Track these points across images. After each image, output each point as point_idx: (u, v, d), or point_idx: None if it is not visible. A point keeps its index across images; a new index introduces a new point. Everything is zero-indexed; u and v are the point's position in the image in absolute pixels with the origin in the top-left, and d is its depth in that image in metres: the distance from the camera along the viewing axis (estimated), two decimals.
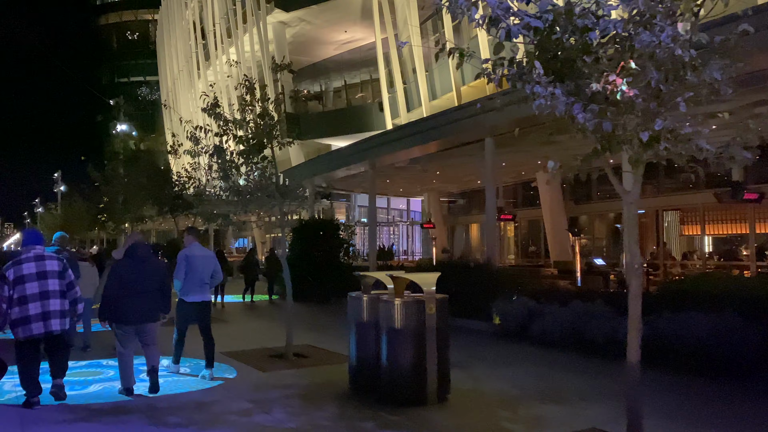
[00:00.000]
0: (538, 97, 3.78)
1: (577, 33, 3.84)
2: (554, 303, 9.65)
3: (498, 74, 4.07)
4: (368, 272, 6.92)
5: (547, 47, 3.98)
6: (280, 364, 8.12)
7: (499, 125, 11.52)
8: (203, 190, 12.96)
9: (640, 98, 3.60)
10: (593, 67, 3.91)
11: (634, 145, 3.89)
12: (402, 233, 38.97)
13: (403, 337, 5.95)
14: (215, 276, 7.57)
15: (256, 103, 8.61)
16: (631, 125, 3.80)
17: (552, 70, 3.94)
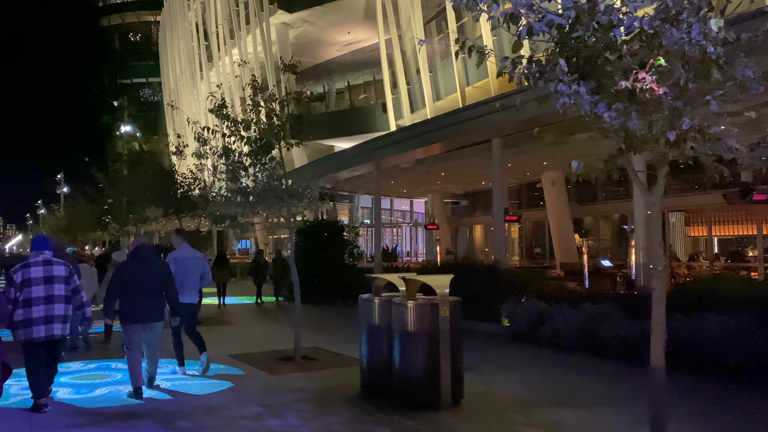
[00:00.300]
0: (562, 96, 3.69)
1: (600, 30, 3.76)
2: (564, 305, 9.55)
3: (519, 72, 3.97)
4: (380, 274, 6.84)
5: (569, 45, 3.89)
6: (288, 367, 8.04)
7: (510, 125, 11.41)
8: (209, 192, 12.92)
9: (669, 96, 3.51)
10: (617, 64, 3.83)
11: (660, 144, 3.79)
12: (405, 235, 38.89)
13: (416, 341, 5.86)
14: (204, 277, 7.68)
15: (263, 103, 8.53)
16: (657, 124, 3.71)
17: (574, 67, 3.86)
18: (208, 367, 7.54)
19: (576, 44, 3.88)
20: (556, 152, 16.50)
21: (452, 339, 5.90)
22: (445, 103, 25.61)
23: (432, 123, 13.12)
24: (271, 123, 8.46)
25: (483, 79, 22.99)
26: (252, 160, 8.46)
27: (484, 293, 11.03)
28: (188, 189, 12.79)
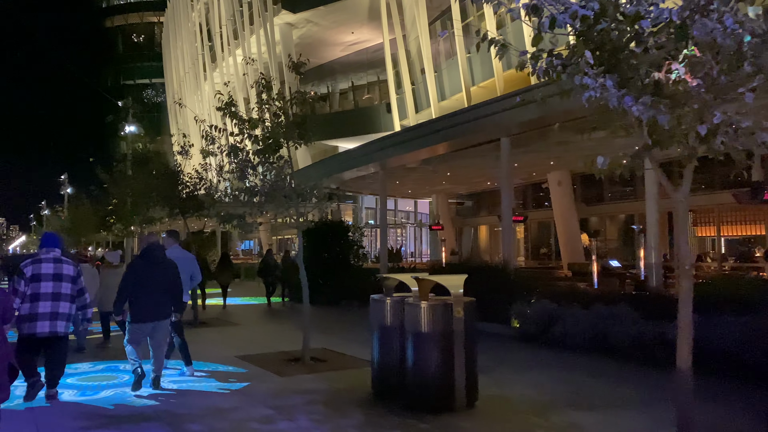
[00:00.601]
0: (587, 89, 3.58)
1: (626, 21, 3.65)
2: (575, 306, 9.43)
3: (541, 65, 3.85)
4: (391, 274, 6.72)
5: (593, 37, 3.78)
6: (297, 369, 7.93)
7: (519, 124, 11.32)
8: (214, 191, 12.81)
9: (702, 88, 3.39)
10: (642, 57, 3.71)
11: (689, 139, 3.68)
12: (409, 235, 38.78)
13: (430, 342, 5.75)
14: (194, 278, 7.83)
15: (272, 102, 8.43)
16: (686, 118, 3.60)
17: (599, 61, 3.75)
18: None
19: (600, 37, 3.77)
20: (564, 152, 16.39)
21: (466, 340, 5.79)
22: (450, 103, 25.53)
23: (440, 122, 13.01)
24: (279, 121, 8.36)
25: (488, 78, 22.91)
26: (260, 159, 8.35)
27: (492, 294, 10.90)
28: (194, 189, 12.68)
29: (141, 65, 71.87)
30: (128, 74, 72.61)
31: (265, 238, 41.18)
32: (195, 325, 12.50)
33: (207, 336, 11.22)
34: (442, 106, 25.85)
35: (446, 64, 26.07)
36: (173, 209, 12.82)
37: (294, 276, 18.19)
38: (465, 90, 23.72)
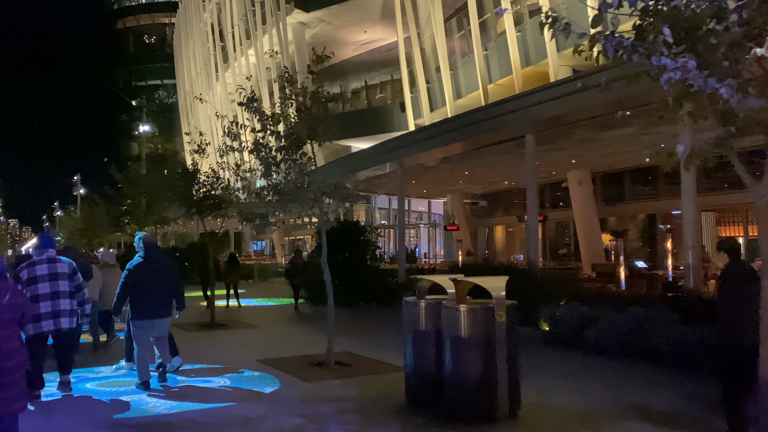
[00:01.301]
0: (665, 71, 3.22)
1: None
2: (609, 308, 9.05)
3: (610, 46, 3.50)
4: (425, 276, 6.40)
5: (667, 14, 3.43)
6: (323, 374, 7.61)
7: (546, 120, 10.93)
8: (233, 190, 12.55)
9: None
10: (723, 36, 3.36)
11: None
12: (422, 236, 38.39)
13: (470, 348, 5.41)
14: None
15: (295, 97, 8.14)
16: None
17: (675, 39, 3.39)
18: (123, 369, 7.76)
19: (675, 13, 3.42)
20: (588, 149, 15.98)
21: (509, 346, 5.44)
22: (466, 101, 25.13)
23: (464, 118, 12.66)
24: (302, 117, 8.06)
25: (506, 76, 22.50)
26: (282, 156, 8.05)
27: (518, 296, 10.52)
28: (211, 188, 12.42)
29: (152, 66, 71.96)
30: (139, 75, 72.76)
31: (278, 238, 40.96)
32: (212, 327, 12.24)
33: (225, 339, 10.95)
34: (458, 104, 25.46)
35: (462, 61, 25.70)
36: (189, 209, 12.54)
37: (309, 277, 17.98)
38: (482, 88, 23.31)
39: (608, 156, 17.97)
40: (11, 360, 4.11)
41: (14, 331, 4.21)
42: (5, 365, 4.05)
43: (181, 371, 7.64)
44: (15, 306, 4.21)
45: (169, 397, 6.43)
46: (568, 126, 12.03)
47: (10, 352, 4.10)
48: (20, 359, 4.20)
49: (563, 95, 10.19)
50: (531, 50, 21.51)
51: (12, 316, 4.18)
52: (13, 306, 4.19)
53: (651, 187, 21.30)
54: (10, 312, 4.15)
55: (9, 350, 4.09)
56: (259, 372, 7.74)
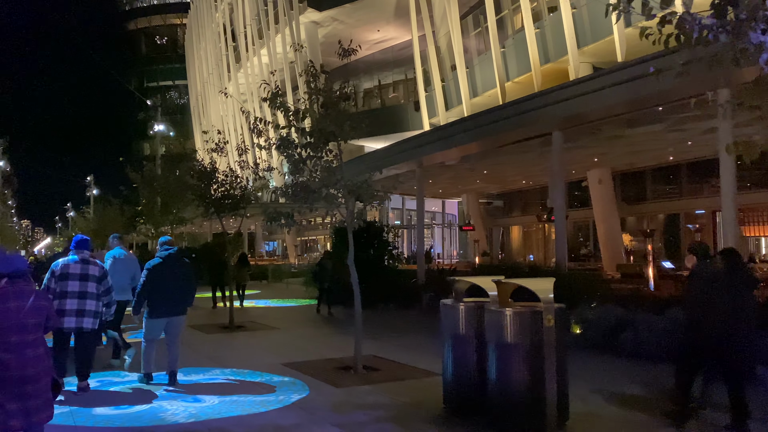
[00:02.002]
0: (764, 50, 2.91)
1: None
2: (646, 311, 8.71)
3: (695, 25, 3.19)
4: (464, 277, 6.10)
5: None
6: (352, 379, 7.33)
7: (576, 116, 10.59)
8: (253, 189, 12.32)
9: None
10: None
11: None
12: (436, 236, 38.05)
13: (516, 354, 5.11)
14: (135, 278, 8.02)
15: (320, 93, 7.86)
16: None
17: None
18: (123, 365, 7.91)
19: None
20: (612, 147, 15.64)
21: (558, 352, 5.13)
22: (482, 99, 24.82)
23: (490, 114, 12.32)
24: (329, 113, 7.78)
25: (524, 73, 22.16)
26: (308, 153, 7.77)
27: None
28: (230, 187, 12.18)
29: (164, 67, 72.08)
30: (151, 76, 72.90)
31: (290, 239, 40.75)
32: (231, 328, 11.99)
33: (247, 341, 10.69)
34: (475, 103, 25.16)
35: (478, 59, 25.36)
36: (208, 208, 12.31)
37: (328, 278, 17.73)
38: (499, 86, 22.99)
39: (631, 154, 17.61)
40: (36, 367, 3.86)
41: (39, 337, 3.97)
42: (30, 373, 3.80)
43: (206, 375, 7.40)
44: (39, 309, 3.95)
45: (195, 404, 6.17)
46: (596, 122, 11.69)
47: (36, 360, 3.86)
48: (46, 366, 3.96)
49: (595, 90, 9.85)
50: (550, 47, 21.16)
51: (37, 320, 3.92)
52: (37, 309, 3.93)
53: (673, 186, 20.89)
54: (34, 316, 3.90)
55: (34, 357, 3.85)
56: (286, 377, 7.47)
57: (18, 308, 3.84)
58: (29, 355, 3.79)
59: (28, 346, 3.81)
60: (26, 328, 3.82)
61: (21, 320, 3.83)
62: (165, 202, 17.07)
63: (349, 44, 8.17)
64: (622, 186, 21.63)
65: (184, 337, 11.02)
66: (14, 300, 3.87)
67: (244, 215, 12.66)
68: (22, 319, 3.83)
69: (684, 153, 17.45)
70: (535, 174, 21.65)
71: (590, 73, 17.79)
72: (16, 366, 3.76)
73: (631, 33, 17.82)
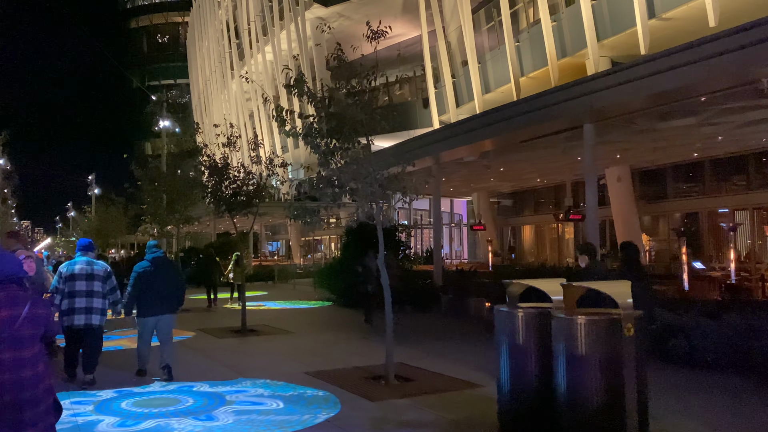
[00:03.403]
0: None
1: None
2: (698, 315, 8.06)
3: None
4: (522, 280, 5.47)
5: None
6: (386, 391, 6.69)
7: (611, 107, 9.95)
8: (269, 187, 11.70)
9: None
10: None
11: None
12: (445, 236, 37.38)
13: (591, 368, 4.47)
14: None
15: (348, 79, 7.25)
16: None
17: None
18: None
19: None
20: (638, 142, 14.99)
21: (638, 366, 4.49)
22: (495, 95, 24.15)
23: (516, 107, 11.68)
24: (360, 101, 7.17)
25: (540, 68, 21.50)
26: (335, 144, 7.15)
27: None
28: (242, 184, 11.55)
29: (166, 66, 71.40)
30: (153, 75, 72.19)
31: (295, 239, 40.11)
32: (243, 332, 11.36)
33: (263, 347, 10.06)
34: (487, 99, 24.51)
35: (491, 54, 24.71)
36: (219, 206, 11.68)
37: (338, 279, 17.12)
38: (514, 81, 22.34)
39: (655, 151, 16.97)
40: (35, 389, 3.22)
41: (37, 352, 3.31)
42: (27, 396, 3.16)
43: (233, 387, 6.77)
44: (36, 319, 3.32)
45: (219, 423, 5.54)
46: (631, 115, 11.06)
47: (34, 380, 3.22)
48: (46, 387, 3.32)
49: (638, 78, 9.22)
50: (567, 41, 20.51)
51: (33, 332, 3.29)
52: (34, 319, 3.30)
53: (694, 184, 20.25)
54: (30, 326, 3.28)
55: (33, 377, 3.21)
56: (312, 388, 6.84)
57: (11, 318, 3.21)
58: (26, 375, 3.18)
59: (25, 365, 3.19)
60: (22, 341, 3.20)
61: (15, 333, 3.19)
62: (171, 200, 16.42)
63: (378, 25, 7.55)
64: (640, 184, 20.98)
65: (196, 342, 10.42)
66: (7, 308, 3.22)
67: (256, 213, 12.02)
68: (16, 332, 3.20)
69: (711, 149, 16.81)
70: (552, 172, 21.00)
71: (609, 68, 17.15)
72: (11, 389, 3.13)
73: (655, 24, 17.19)
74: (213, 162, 11.33)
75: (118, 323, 10.90)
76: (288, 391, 6.67)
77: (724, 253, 19.14)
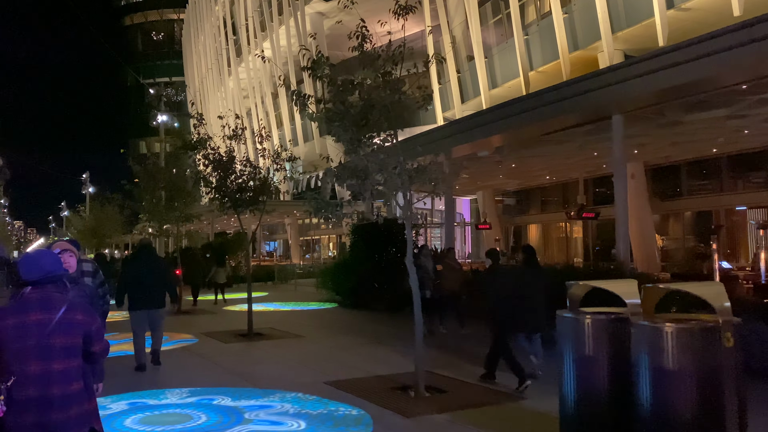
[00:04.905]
0: None
1: None
2: (752, 320, 7.40)
3: None
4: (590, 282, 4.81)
5: None
6: (418, 404, 6.00)
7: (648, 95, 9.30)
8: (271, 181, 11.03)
9: None
10: None
11: None
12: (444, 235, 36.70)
13: (683, 383, 3.81)
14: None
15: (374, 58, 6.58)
16: None
17: None
18: None
19: None
20: (659, 137, 14.36)
21: (738, 381, 3.83)
22: (502, 91, 23.52)
23: (539, 97, 11.02)
24: (385, 80, 6.51)
25: (551, 61, 20.88)
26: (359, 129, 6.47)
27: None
28: (249, 179, 10.85)
29: (161, 63, 70.46)
30: (148, 72, 71.19)
31: (294, 239, 39.37)
32: (250, 336, 10.65)
33: (273, 352, 9.34)
34: (494, 94, 23.90)
35: (498, 49, 24.08)
36: (224, 203, 10.97)
37: None
38: (523, 75, 21.72)
39: (673, 146, 16.35)
40: (65, 411, 2.59)
41: (73, 367, 2.67)
42: (53, 419, 2.55)
43: (250, 399, 6.07)
44: (72, 326, 2.69)
45: None
46: (661, 105, 10.43)
47: (65, 401, 2.59)
48: (82, 413, 2.68)
49: (676, 63, 8.58)
50: (579, 33, 19.90)
51: (67, 342, 2.66)
52: (68, 326, 2.68)
53: (709, 182, 19.66)
54: (64, 335, 2.65)
55: (63, 398, 2.58)
56: (334, 400, 6.15)
57: (41, 324, 2.60)
58: (55, 392, 2.56)
59: (55, 382, 2.57)
60: (51, 352, 2.59)
61: (44, 341, 2.59)
62: (170, 196, 15.69)
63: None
64: (654, 181, 20.38)
65: (201, 347, 9.72)
66: (38, 311, 2.63)
67: (263, 210, 11.32)
68: (45, 340, 2.59)
69: (733, 144, 16.21)
70: (563, 168, 20.37)
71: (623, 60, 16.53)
72: (36, 408, 2.52)
73: (673, 15, 16.60)
74: (217, 155, 10.61)
75: (118, 326, 10.21)
76: (316, 408, 5.92)
77: (741, 252, 18.58)
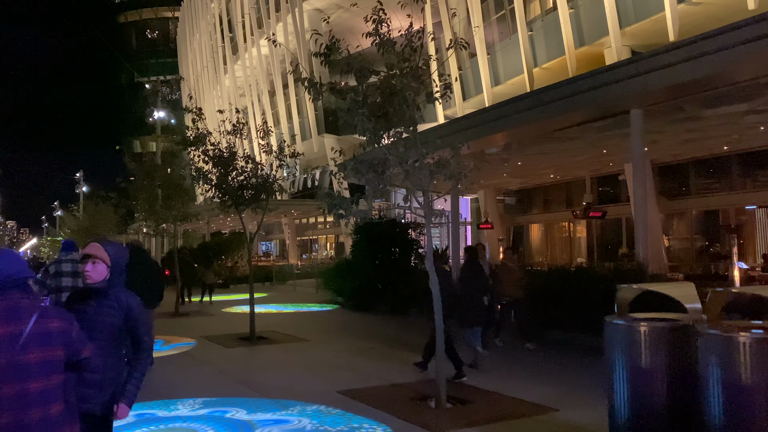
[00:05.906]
0: None
1: None
2: None
3: None
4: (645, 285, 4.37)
5: None
6: (443, 418, 5.55)
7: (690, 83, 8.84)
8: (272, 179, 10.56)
9: None
10: None
11: None
12: (444, 235, 36.30)
13: (759, 399, 3.36)
14: None
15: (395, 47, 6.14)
16: None
17: None
18: None
19: None
20: (673, 133, 13.96)
21: None
22: (506, 88, 23.10)
23: (553, 91, 10.57)
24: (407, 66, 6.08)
25: (556, 57, 20.47)
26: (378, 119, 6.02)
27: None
28: (251, 176, 10.37)
29: (155, 62, 69.75)
30: (142, 71, 70.47)
31: (292, 239, 38.84)
32: (252, 340, 10.18)
33: (278, 357, 8.86)
34: (496, 91, 23.50)
35: (500, 45, 23.67)
36: (225, 201, 10.49)
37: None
38: (527, 72, 21.33)
39: (685, 143, 15.96)
40: None
41: (53, 386, 2.24)
42: None
43: (267, 412, 5.59)
44: (49, 337, 2.26)
45: None
46: (680, 100, 10.02)
47: (45, 426, 2.19)
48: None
49: (705, 53, 8.16)
50: (585, 29, 19.50)
51: (45, 355, 2.23)
52: (45, 337, 2.25)
53: (717, 180, 19.30)
54: (40, 347, 2.22)
55: (43, 422, 2.18)
56: (351, 413, 5.68)
57: (11, 338, 2.17)
58: (34, 416, 2.15)
59: (32, 404, 2.16)
60: (26, 370, 2.17)
61: (16, 358, 2.16)
62: (167, 195, 15.19)
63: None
64: (661, 180, 20.00)
65: (201, 352, 9.23)
66: (3, 324, 2.19)
67: (266, 209, 10.84)
68: (18, 356, 2.16)
69: (746, 141, 15.83)
70: (570, 166, 19.95)
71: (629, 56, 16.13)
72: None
73: (684, 9, 16.23)
74: (218, 151, 10.13)
75: None
76: (336, 424, 5.39)
77: (749, 251, 18.22)
